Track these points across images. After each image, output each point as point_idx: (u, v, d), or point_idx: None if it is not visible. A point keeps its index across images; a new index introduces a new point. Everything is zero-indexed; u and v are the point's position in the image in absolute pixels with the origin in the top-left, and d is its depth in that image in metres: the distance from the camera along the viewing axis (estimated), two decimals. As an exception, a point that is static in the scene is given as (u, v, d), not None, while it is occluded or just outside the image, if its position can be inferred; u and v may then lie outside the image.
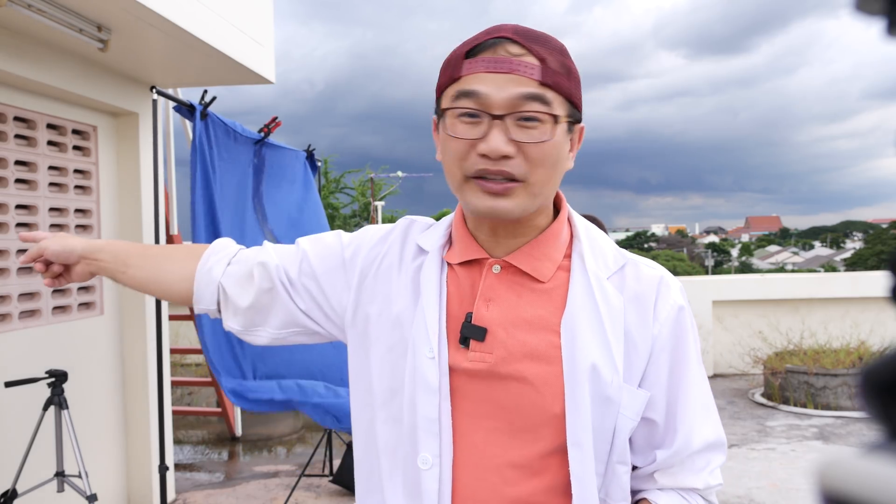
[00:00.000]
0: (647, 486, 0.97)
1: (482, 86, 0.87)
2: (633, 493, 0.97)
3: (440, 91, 0.95)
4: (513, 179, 0.88)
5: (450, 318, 0.95)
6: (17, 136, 3.21)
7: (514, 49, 0.88)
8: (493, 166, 0.87)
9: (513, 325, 0.92)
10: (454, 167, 0.91)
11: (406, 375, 0.94)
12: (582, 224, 1.00)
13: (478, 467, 0.91)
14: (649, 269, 0.97)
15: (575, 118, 0.93)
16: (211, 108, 3.52)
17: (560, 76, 0.89)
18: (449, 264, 0.99)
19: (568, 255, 0.97)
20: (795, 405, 6.05)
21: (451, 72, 0.92)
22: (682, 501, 0.94)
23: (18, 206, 3.21)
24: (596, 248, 0.98)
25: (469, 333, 0.92)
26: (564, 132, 0.91)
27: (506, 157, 0.87)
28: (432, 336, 0.93)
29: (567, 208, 1.01)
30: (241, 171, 4.16)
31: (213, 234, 3.81)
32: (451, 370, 0.93)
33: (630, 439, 0.94)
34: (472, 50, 0.90)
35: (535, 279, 0.94)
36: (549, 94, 0.88)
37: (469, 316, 0.93)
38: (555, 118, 0.88)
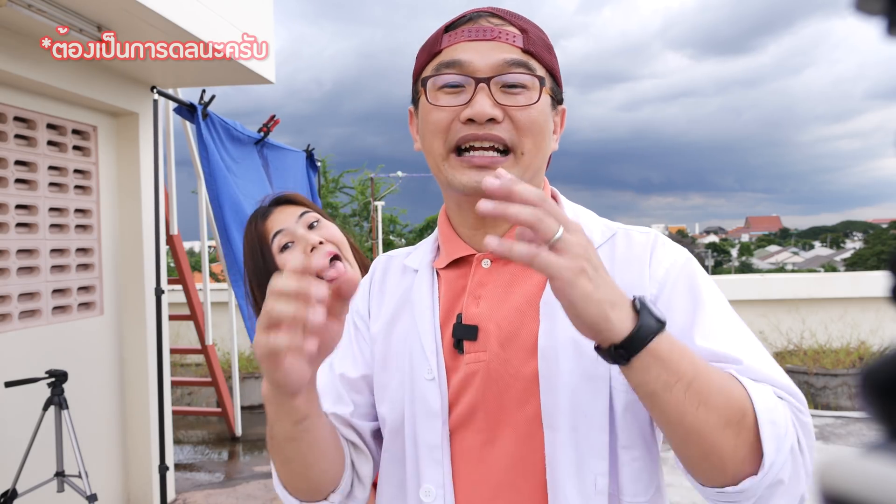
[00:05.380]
0: None
1: (465, 54, 0.83)
2: None
3: (418, 73, 0.89)
4: (501, 149, 0.83)
5: (444, 329, 0.89)
6: (17, 136, 3.21)
7: (495, 20, 0.86)
8: (479, 131, 0.82)
9: (504, 317, 0.86)
10: (436, 141, 0.85)
11: (405, 403, 0.88)
12: (566, 201, 0.96)
13: (479, 484, 0.85)
14: (641, 235, 0.90)
15: (557, 96, 0.90)
16: (218, 108, 3.53)
17: (541, 48, 0.86)
18: (438, 272, 0.94)
19: None
20: (795, 405, 6.05)
21: (429, 49, 0.88)
22: (777, 394, 0.74)
23: (18, 206, 3.21)
24: (582, 223, 0.90)
25: (461, 335, 0.87)
26: (549, 104, 0.87)
27: (492, 122, 0.82)
28: (430, 355, 0.87)
29: (549, 186, 0.95)
30: (256, 171, 4.14)
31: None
32: (449, 384, 0.87)
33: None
34: (452, 25, 0.87)
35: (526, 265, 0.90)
36: (533, 62, 0.85)
37: (459, 317, 0.88)
38: (540, 80, 0.84)
